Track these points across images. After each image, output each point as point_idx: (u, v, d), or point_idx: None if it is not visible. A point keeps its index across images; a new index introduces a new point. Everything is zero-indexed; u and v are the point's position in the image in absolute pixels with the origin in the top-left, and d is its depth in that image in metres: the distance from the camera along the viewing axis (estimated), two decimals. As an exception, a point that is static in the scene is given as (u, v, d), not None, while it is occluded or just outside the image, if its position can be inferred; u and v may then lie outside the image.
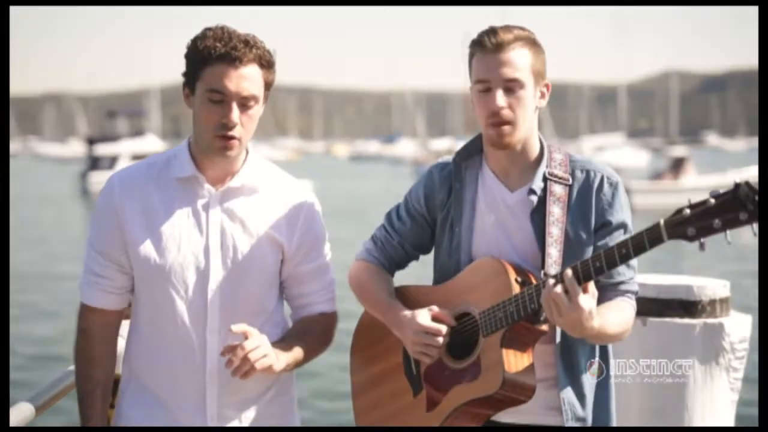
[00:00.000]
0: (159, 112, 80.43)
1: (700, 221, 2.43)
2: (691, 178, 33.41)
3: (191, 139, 2.80)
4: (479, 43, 2.77)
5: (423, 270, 3.13)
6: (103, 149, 46.86)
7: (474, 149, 2.92)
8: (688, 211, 2.45)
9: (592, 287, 2.58)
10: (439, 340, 2.78)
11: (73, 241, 24.85)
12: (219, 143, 2.68)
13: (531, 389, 2.72)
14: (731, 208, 2.39)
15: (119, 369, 2.90)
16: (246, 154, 2.80)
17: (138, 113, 72.10)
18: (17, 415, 2.73)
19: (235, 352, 2.60)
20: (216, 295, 2.73)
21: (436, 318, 2.81)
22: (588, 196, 2.80)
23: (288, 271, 2.84)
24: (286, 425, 2.88)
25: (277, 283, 2.84)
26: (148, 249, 2.73)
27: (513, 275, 2.73)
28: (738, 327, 4.02)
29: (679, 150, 40.10)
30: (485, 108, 2.76)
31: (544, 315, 2.68)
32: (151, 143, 46.91)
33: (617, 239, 2.71)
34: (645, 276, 4.01)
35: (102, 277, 2.79)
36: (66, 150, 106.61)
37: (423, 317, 2.80)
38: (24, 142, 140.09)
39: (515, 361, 2.70)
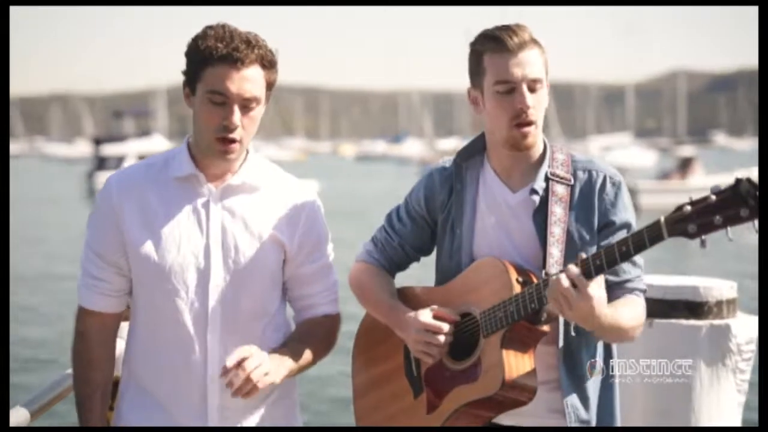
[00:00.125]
0: (165, 112, 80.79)
1: (700, 218, 2.40)
2: (699, 178, 33.39)
3: (191, 139, 2.77)
4: (497, 42, 2.71)
5: (424, 272, 3.10)
6: (110, 149, 47.03)
7: (475, 150, 2.90)
8: (688, 208, 2.41)
9: (599, 277, 2.54)
10: (441, 338, 2.75)
11: (81, 242, 24.79)
12: (219, 146, 2.65)
13: (532, 391, 2.69)
14: (732, 204, 2.36)
15: (118, 371, 2.87)
16: (246, 153, 2.77)
17: (144, 113, 72.52)
18: (11, 420, 2.70)
19: (236, 373, 2.56)
20: (217, 296, 2.70)
21: (438, 316, 2.78)
22: (591, 196, 2.78)
23: (290, 272, 2.80)
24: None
25: (280, 285, 2.81)
26: (147, 250, 2.70)
27: (514, 275, 2.70)
28: (745, 328, 3.99)
29: (687, 150, 40.14)
30: (509, 109, 2.71)
31: (545, 315, 2.66)
32: (158, 143, 46.97)
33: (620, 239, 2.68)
34: (650, 277, 3.97)
35: (100, 280, 2.77)
36: (73, 150, 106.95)
37: (425, 316, 2.78)
38: (31, 142, 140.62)
39: (516, 362, 2.67)
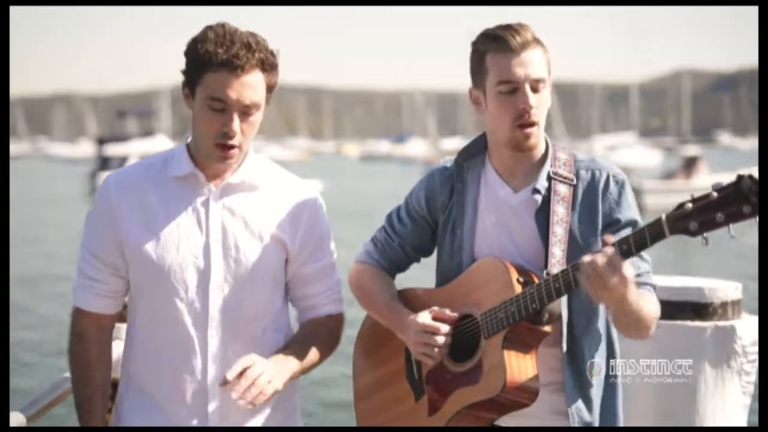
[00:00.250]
0: (169, 112, 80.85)
1: (702, 215, 2.37)
2: (704, 177, 33.34)
3: (190, 140, 2.74)
4: (499, 42, 2.69)
5: (425, 273, 3.08)
6: (113, 149, 47.09)
7: (477, 149, 2.87)
8: (690, 205, 2.39)
9: (630, 260, 2.49)
10: (441, 339, 2.73)
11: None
12: (219, 152, 2.63)
13: (534, 392, 2.66)
14: (734, 201, 2.33)
15: (116, 373, 2.85)
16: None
17: (148, 113, 72.54)
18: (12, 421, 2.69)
19: (239, 382, 2.54)
20: (217, 296, 2.67)
21: (437, 318, 2.76)
22: (594, 195, 2.76)
23: (292, 272, 2.78)
24: None
25: (282, 285, 2.78)
26: (146, 250, 2.68)
27: (515, 275, 2.68)
28: (750, 330, 3.98)
29: (692, 149, 40.16)
30: (512, 109, 2.69)
31: (546, 315, 2.64)
32: (161, 143, 46.88)
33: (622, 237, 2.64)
34: (654, 278, 3.96)
35: (96, 281, 2.74)
36: (76, 150, 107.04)
37: (424, 317, 2.76)
38: (34, 142, 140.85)
39: (517, 363, 2.65)
